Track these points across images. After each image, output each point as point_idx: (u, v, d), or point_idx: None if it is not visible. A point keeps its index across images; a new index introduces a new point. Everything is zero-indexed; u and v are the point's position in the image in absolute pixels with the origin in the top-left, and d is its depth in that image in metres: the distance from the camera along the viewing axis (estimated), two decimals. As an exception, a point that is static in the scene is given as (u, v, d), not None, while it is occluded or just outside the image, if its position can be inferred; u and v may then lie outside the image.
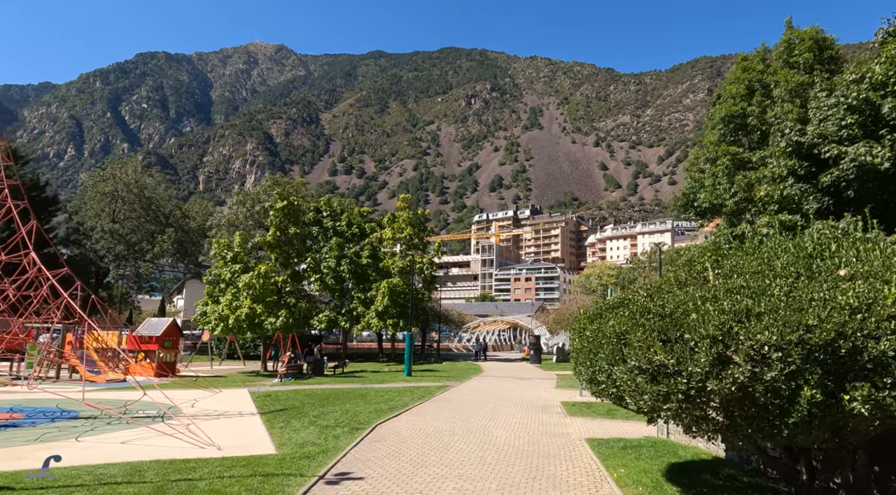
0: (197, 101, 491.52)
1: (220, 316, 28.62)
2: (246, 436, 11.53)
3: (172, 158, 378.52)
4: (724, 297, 5.27)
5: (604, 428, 12.93)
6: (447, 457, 9.44)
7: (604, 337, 6.01)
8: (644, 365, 5.24)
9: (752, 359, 4.66)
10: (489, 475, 8.28)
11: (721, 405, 4.94)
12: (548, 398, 19.51)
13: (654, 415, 5.89)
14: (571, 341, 7.45)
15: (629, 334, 5.59)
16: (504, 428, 12.68)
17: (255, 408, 15.69)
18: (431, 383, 24.75)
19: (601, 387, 6.27)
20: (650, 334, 5.32)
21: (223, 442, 10.70)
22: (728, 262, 6.17)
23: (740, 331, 4.78)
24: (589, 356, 6.36)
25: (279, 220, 31.95)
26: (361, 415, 14.03)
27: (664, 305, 5.61)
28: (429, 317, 56.37)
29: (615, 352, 5.74)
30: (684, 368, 4.93)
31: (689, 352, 4.96)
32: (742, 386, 4.68)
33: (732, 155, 30.54)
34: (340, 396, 18.50)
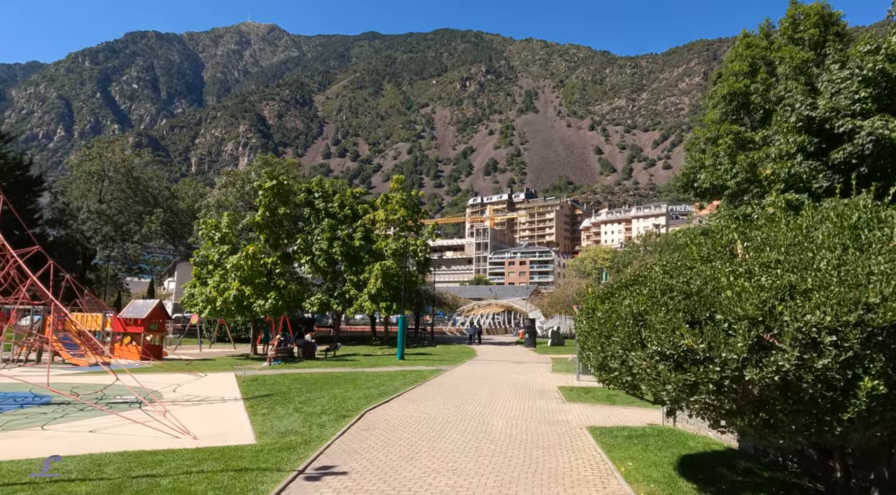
0: (188, 82, 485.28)
1: (208, 298, 27.85)
2: (225, 424, 10.81)
3: (164, 140, 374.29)
4: (759, 272, 4.53)
5: (605, 415, 12.29)
6: (440, 448, 8.75)
7: (618, 318, 5.27)
8: (668, 350, 4.51)
9: (799, 343, 3.93)
10: (485, 469, 7.60)
11: (759, 398, 4.22)
12: (544, 382, 18.90)
13: (677, 408, 5.18)
14: (577, 323, 6.72)
15: (649, 315, 4.85)
16: (500, 416, 12.02)
17: (240, 394, 14.98)
18: (424, 367, 24.13)
19: (613, 375, 5.56)
20: (674, 315, 4.59)
21: (200, 430, 9.99)
22: (758, 234, 5.42)
23: (784, 311, 4.05)
24: (600, 340, 5.64)
25: (268, 200, 31.02)
26: (350, 401, 13.34)
27: (689, 282, 4.86)
28: (422, 301, 55.76)
29: (632, 335, 5.01)
30: (717, 354, 4.21)
31: (722, 336, 4.23)
32: (787, 375, 3.97)
33: (735, 134, 29.75)
34: (330, 381, 17.82)
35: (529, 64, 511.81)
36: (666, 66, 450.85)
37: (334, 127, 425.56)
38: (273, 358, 26.08)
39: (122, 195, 51.09)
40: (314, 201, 45.08)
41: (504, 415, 12.07)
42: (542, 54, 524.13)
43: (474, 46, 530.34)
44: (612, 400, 14.42)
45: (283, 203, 31.78)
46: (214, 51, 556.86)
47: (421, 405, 13.32)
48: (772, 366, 3.98)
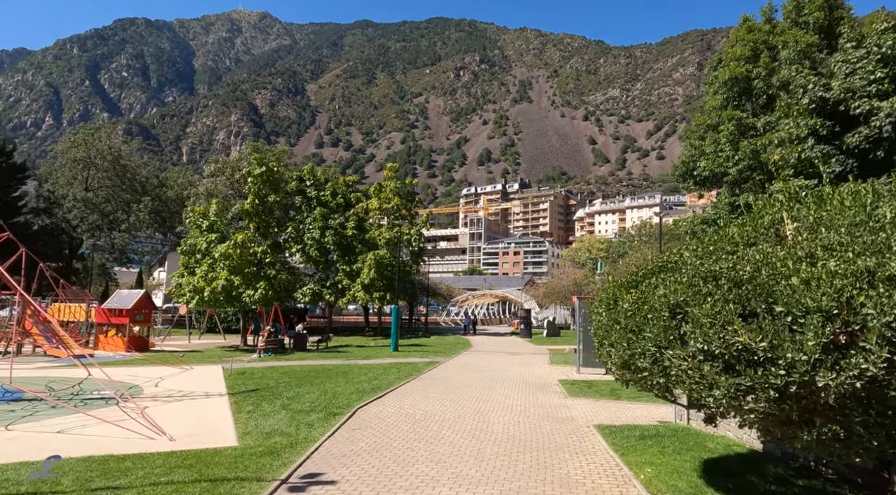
0: (179, 70, 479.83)
1: (195, 288, 26.99)
2: (206, 423, 10.05)
3: (154, 129, 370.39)
4: (824, 256, 3.79)
5: (611, 412, 11.61)
6: (438, 451, 8.01)
7: (650, 310, 4.52)
8: (716, 348, 3.77)
9: (889, 342, 3.20)
10: (489, 475, 6.87)
11: (833, 407, 3.49)
12: (543, 375, 18.23)
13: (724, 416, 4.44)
14: (593, 315, 5.97)
15: (690, 306, 4.11)
16: (501, 412, 11.30)
17: (226, 388, 14.21)
18: (419, 359, 23.42)
19: (642, 376, 4.82)
20: (724, 306, 3.84)
21: (179, 429, 9.22)
22: (810, 213, 4.67)
23: (867, 302, 3.31)
24: (625, 335, 4.89)
25: (257, 188, 30.09)
26: (341, 397, 12.58)
27: (736, 267, 4.12)
28: (416, 291, 55.05)
29: (668, 329, 4.27)
30: (780, 354, 3.47)
31: (787, 332, 3.49)
32: (873, 380, 3.24)
33: (737, 120, 29.06)
34: (321, 374, 17.07)
35: (523, 53, 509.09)
36: (660, 56, 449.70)
37: (327, 116, 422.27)
38: (263, 349, 25.32)
39: (109, 183, 49.84)
40: (306, 189, 44.14)
41: (505, 412, 11.36)
42: (536, 44, 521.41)
43: (468, 35, 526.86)
44: (616, 395, 13.75)
45: (274, 190, 30.86)
46: (205, 38, 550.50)
47: (416, 401, 12.59)
48: (853, 370, 3.25)
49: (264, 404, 11.66)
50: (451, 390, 14.41)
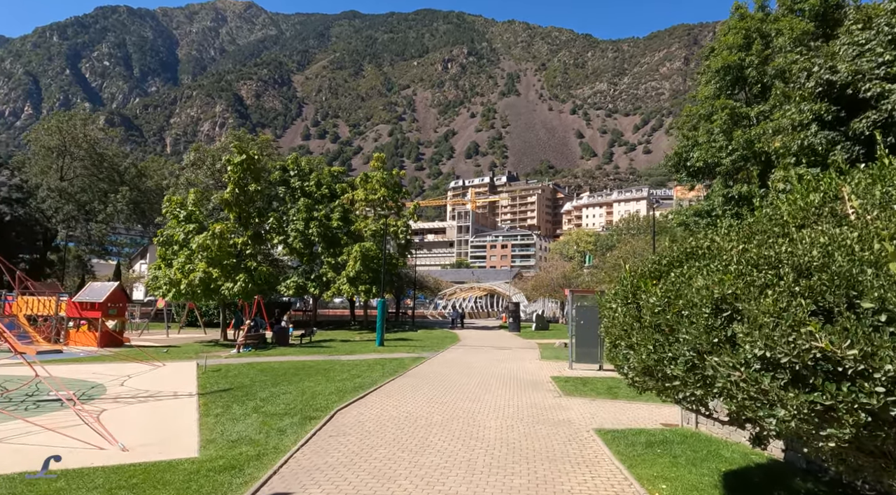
0: (162, 60, 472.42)
1: (171, 280, 25.87)
2: (168, 429, 9.10)
3: (137, 119, 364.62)
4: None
5: (610, 413, 10.81)
6: (424, 463, 7.14)
7: (686, 305, 3.66)
8: (782, 355, 2.92)
9: None
10: (483, 493, 6.01)
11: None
12: (535, 371, 17.43)
13: (791, 441, 3.59)
14: (604, 310, 5.10)
15: (743, 301, 3.24)
16: (492, 414, 10.46)
17: (196, 388, 13.24)
18: (405, 354, 22.55)
19: (672, 385, 3.96)
20: (790, 301, 2.98)
21: (135, 437, 8.27)
22: (876, 189, 3.82)
23: None
24: (651, 335, 4.02)
25: (238, 176, 28.94)
26: (320, 398, 11.66)
27: (799, 252, 3.26)
28: (403, 284, 54.12)
29: (712, 330, 3.40)
30: (877, 365, 2.62)
31: (886, 336, 2.64)
32: None
33: (730, 109, 28.41)
34: (301, 371, 16.13)
35: (511, 46, 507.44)
36: (647, 51, 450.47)
37: (314, 108, 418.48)
38: (243, 344, 24.29)
39: (85, 172, 48.30)
40: (290, 180, 43.00)
41: (496, 413, 10.52)
42: (524, 37, 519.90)
43: (456, 27, 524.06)
44: (613, 394, 12.98)
45: (255, 179, 29.72)
46: (189, 28, 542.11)
47: (401, 401, 11.71)
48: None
49: (235, 406, 10.71)
50: (438, 389, 13.55)
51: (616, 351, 4.81)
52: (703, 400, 3.83)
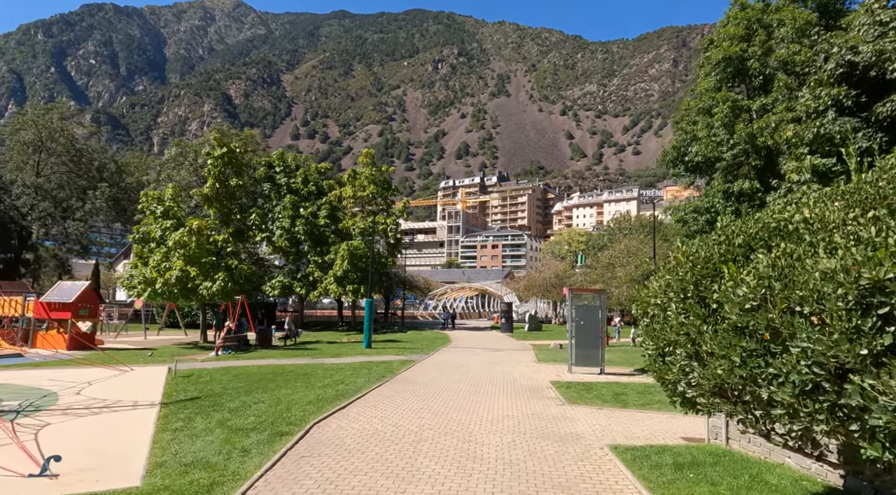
0: (150, 58, 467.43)
1: (146, 279, 24.45)
2: (114, 448, 7.80)
3: (124, 118, 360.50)
4: None
5: (622, 425, 9.64)
6: (413, 493, 5.92)
7: (808, 297, 2.47)
8: None
9: None
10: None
11: None
12: (532, 375, 16.25)
13: None
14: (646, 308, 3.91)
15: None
16: (490, 427, 9.26)
17: (161, 396, 11.93)
18: (394, 357, 21.30)
19: (771, 414, 2.76)
20: None
21: (72, 460, 6.96)
22: None
23: None
24: (736, 341, 2.83)
25: (218, 170, 27.55)
26: (296, 408, 10.39)
27: None
28: (392, 284, 52.85)
29: (859, 335, 2.21)
30: None
31: None
32: None
33: (732, 102, 27.43)
34: (279, 377, 14.84)
35: (502, 47, 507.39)
36: (636, 52, 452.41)
37: (303, 107, 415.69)
38: (222, 347, 22.92)
39: (62, 168, 46.59)
40: (275, 176, 41.63)
41: (495, 426, 9.31)
42: (514, 37, 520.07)
43: (446, 28, 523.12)
44: (621, 402, 11.81)
45: (236, 174, 28.33)
46: (177, 26, 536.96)
47: (387, 411, 10.46)
48: None
49: (198, 419, 9.42)
50: (429, 396, 12.33)
51: (667, 361, 3.61)
52: (814, 436, 2.64)
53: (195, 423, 9.09)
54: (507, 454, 7.55)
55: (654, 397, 12.29)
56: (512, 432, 8.90)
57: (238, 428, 8.66)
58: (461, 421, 9.71)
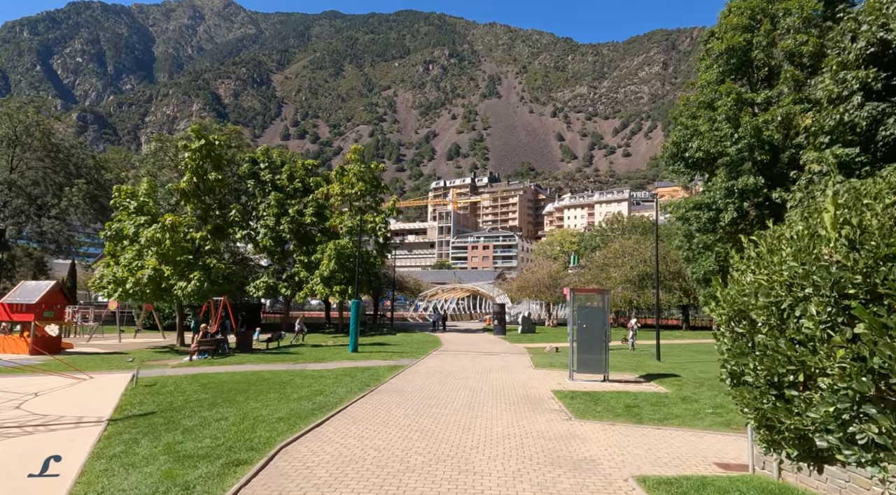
0: (138, 57, 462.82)
1: (116, 278, 22.86)
2: (30, 484, 6.35)
3: (111, 117, 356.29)
4: None
5: (642, 445, 8.28)
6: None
7: None
8: None
9: None
10: None
11: None
12: (531, 384, 14.89)
13: None
14: (756, 315, 2.54)
15: None
16: (490, 450, 7.87)
17: (113, 410, 10.46)
18: (381, 362, 19.88)
19: None
20: None
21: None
22: None
23: None
24: None
25: (196, 164, 25.99)
26: (263, 427, 8.96)
27: None
28: (382, 284, 51.39)
29: None
30: None
31: None
32: None
33: (737, 95, 26.27)
34: (252, 386, 13.39)
35: (493, 49, 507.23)
36: (626, 55, 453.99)
37: (293, 107, 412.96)
38: (197, 351, 21.39)
39: (38, 164, 44.73)
40: (259, 173, 40.09)
41: (495, 450, 7.93)
42: (505, 39, 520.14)
43: (437, 29, 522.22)
44: (635, 416, 10.47)
45: (216, 167, 26.78)
46: (166, 25, 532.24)
47: (369, 430, 9.05)
48: None
49: (143, 442, 7.96)
50: (419, 410, 10.92)
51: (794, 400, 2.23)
52: None
53: (138, 448, 7.62)
54: (513, 488, 6.17)
55: (671, 410, 10.97)
56: (516, 457, 7.52)
57: (187, 455, 7.21)
58: (456, 442, 8.32)
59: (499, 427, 9.45)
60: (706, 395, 12.70)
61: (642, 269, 43.74)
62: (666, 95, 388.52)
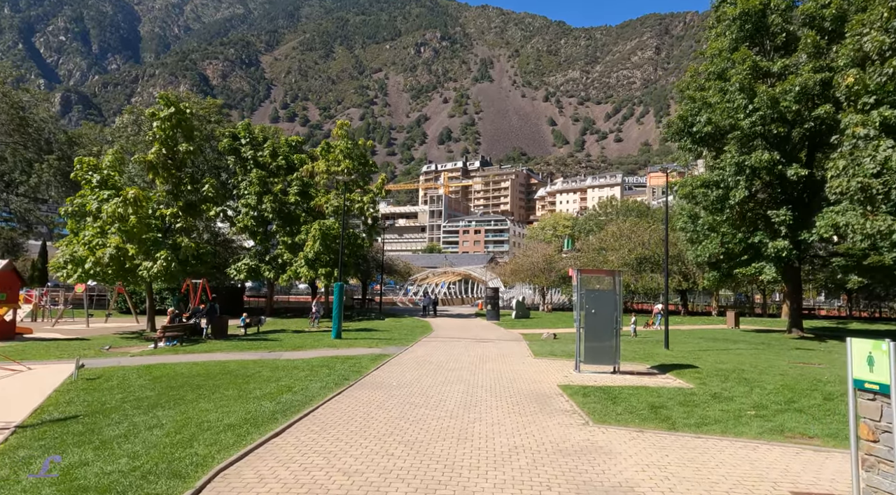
0: (123, 36, 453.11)
1: (74, 257, 20.80)
2: None
3: (96, 97, 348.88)
4: None
5: (689, 464, 6.48)
6: None
7: None
8: None
9: None
10: None
11: None
12: (534, 377, 13.10)
13: None
14: None
15: None
16: (494, 476, 6.04)
17: (29, 414, 8.54)
18: (365, 350, 18.04)
19: None
20: None
21: None
22: None
23: None
24: None
25: (165, 134, 23.83)
26: (204, 438, 7.06)
27: None
28: (370, 268, 49.47)
29: None
30: None
31: None
32: None
33: (753, 62, 24.37)
34: (209, 380, 11.49)
35: (485, 31, 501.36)
36: (619, 39, 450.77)
37: (283, 90, 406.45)
38: (164, 338, 19.46)
39: (6, 138, 42.15)
40: (240, 149, 37.79)
41: (501, 473, 6.10)
42: (497, 22, 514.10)
43: (429, 11, 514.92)
44: (665, 419, 8.68)
45: (187, 138, 24.62)
46: (152, 3, 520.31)
47: (340, 442, 7.18)
48: None
49: (38, 462, 6.06)
50: (403, 412, 9.08)
51: None
52: None
53: (23, 474, 5.71)
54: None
55: (706, 412, 9.19)
56: (530, 485, 5.69)
57: (82, 487, 5.31)
58: (449, 459, 6.48)
59: (502, 436, 7.63)
60: (739, 392, 10.97)
61: (640, 253, 42.09)
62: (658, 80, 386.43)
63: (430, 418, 8.59)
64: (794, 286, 28.47)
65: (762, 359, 16.87)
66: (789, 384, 11.89)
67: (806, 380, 12.42)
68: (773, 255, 24.22)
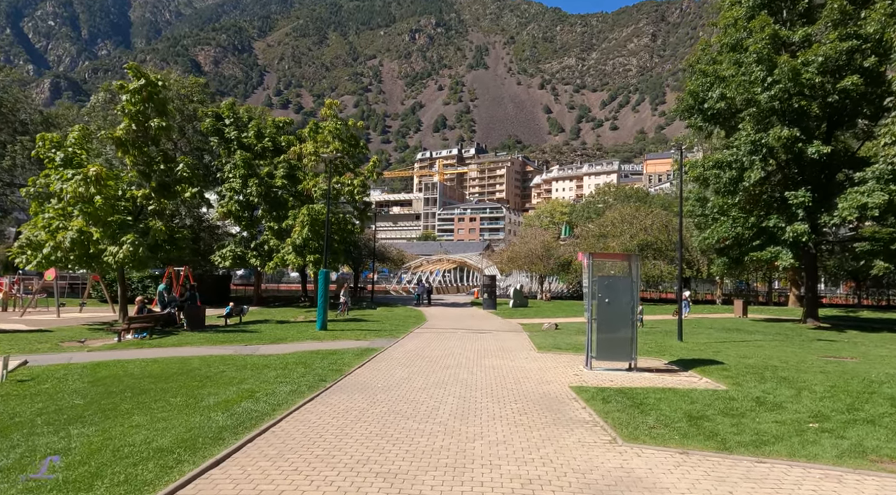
0: (113, 21, 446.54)
1: (32, 242, 18.95)
2: None
3: (86, 84, 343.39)
4: None
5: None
6: None
7: None
8: None
9: None
10: None
11: None
12: (539, 375, 11.41)
13: None
14: None
15: None
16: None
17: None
18: (351, 343, 16.32)
19: None
20: None
21: None
22: None
23: None
24: None
25: (135, 108, 21.89)
26: (112, 471, 5.25)
27: None
28: (362, 255, 47.71)
29: None
30: None
31: None
32: None
33: (773, 31, 22.55)
34: (161, 382, 9.73)
35: (480, 18, 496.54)
36: (615, 26, 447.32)
37: (276, 76, 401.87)
38: (131, 330, 17.70)
39: (-19, 120, 40.14)
40: (224, 129, 35.82)
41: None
42: (493, 8, 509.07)
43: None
44: (711, 435, 6.98)
45: (159, 113, 22.67)
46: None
47: (299, 477, 5.44)
48: None
49: None
50: (385, 427, 7.35)
51: None
52: None
53: None
54: None
55: (757, 424, 7.49)
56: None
57: None
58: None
59: (510, 462, 5.91)
60: (784, 396, 9.29)
61: (643, 238, 40.39)
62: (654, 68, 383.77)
63: (418, 434, 6.87)
64: (810, 273, 26.87)
65: (788, 353, 15.25)
66: (839, 385, 10.24)
67: (855, 380, 10.78)
68: (791, 240, 22.59)
